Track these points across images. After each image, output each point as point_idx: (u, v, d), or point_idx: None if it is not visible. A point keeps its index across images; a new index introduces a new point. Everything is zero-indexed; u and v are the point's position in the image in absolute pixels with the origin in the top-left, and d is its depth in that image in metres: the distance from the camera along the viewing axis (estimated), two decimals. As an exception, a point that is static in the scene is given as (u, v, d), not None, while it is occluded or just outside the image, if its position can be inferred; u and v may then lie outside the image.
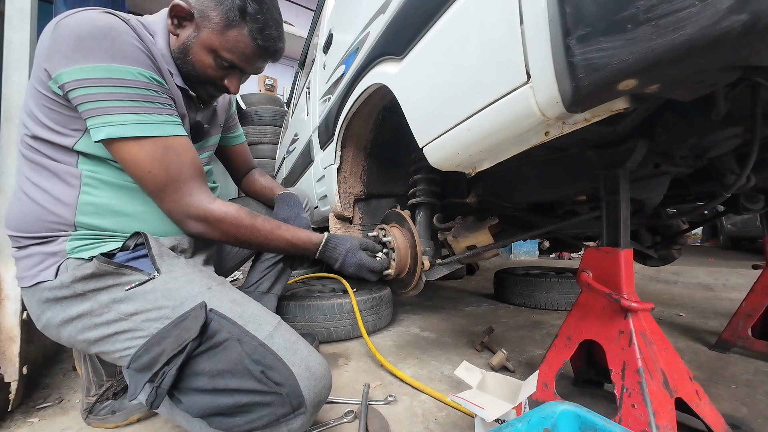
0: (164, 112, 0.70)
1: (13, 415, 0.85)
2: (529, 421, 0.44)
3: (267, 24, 0.75)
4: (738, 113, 0.63)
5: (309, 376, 0.65)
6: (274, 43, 0.79)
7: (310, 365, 0.66)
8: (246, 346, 0.63)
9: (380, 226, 1.05)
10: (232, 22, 0.73)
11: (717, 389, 0.91)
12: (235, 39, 0.74)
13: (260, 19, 0.74)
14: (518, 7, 0.48)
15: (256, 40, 0.76)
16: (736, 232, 5.30)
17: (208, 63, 0.77)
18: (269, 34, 0.77)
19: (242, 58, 0.77)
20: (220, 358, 0.62)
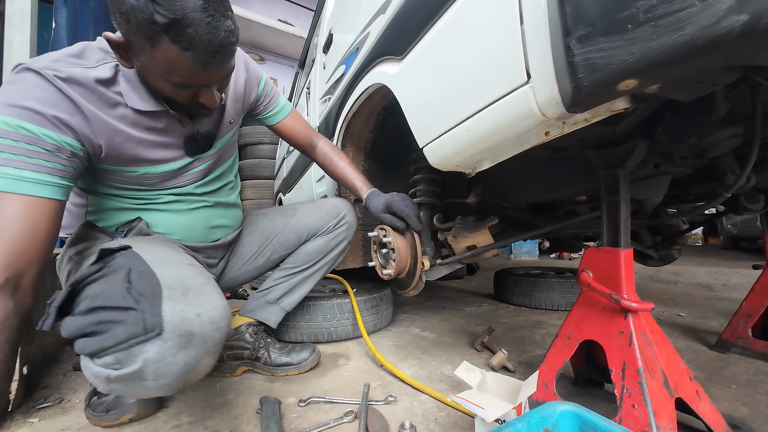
0: (13, 164, 0.64)
1: (13, 415, 0.85)
2: (529, 421, 0.44)
3: (189, 23, 0.60)
4: (738, 113, 0.63)
5: (180, 298, 0.57)
6: (209, 41, 0.63)
7: (189, 286, 0.60)
8: (133, 273, 0.60)
9: (380, 227, 1.05)
10: (152, 39, 0.61)
11: (717, 389, 0.91)
12: (166, 58, 0.63)
13: (177, 21, 0.59)
14: (518, 7, 0.48)
15: (186, 50, 0.62)
16: (737, 232, 5.30)
17: (168, 88, 0.70)
18: (198, 35, 0.61)
19: (188, 75, 0.67)
20: (105, 281, 0.60)
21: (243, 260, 1.13)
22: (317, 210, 1.17)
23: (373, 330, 1.43)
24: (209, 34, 0.62)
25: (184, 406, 0.88)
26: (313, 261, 1.15)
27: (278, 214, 1.17)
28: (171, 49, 0.62)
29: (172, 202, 0.91)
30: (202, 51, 0.63)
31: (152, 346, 0.54)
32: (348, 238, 1.19)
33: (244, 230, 1.15)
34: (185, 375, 0.57)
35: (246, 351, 1.06)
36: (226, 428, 0.78)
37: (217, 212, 1.00)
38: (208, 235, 1.00)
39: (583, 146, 0.77)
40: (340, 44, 1.41)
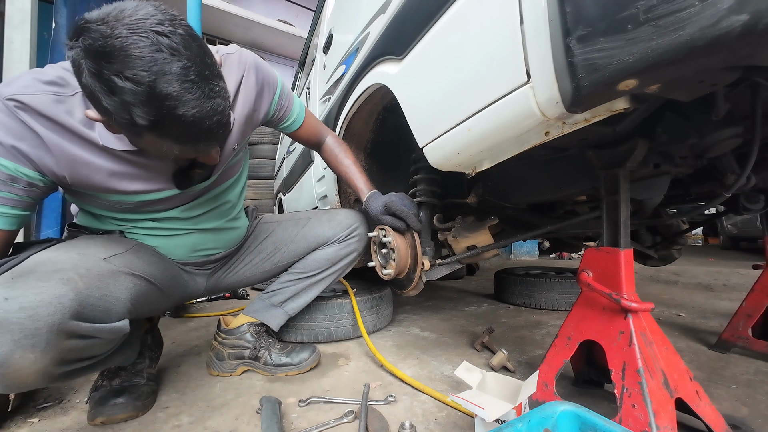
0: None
1: (13, 415, 0.85)
2: (529, 421, 0.44)
3: (172, 123, 0.55)
4: (738, 113, 0.63)
5: (5, 283, 0.54)
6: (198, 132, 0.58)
7: (32, 271, 0.57)
8: (10, 262, 0.62)
9: (380, 227, 1.05)
10: (138, 135, 0.59)
11: (717, 389, 0.91)
12: (152, 146, 0.61)
13: (160, 123, 0.55)
14: (518, 7, 0.48)
15: (175, 144, 0.60)
16: (736, 232, 5.30)
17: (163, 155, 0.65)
18: (183, 131, 0.57)
19: (181, 156, 0.65)
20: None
21: (249, 264, 1.13)
22: (330, 221, 1.16)
23: (373, 330, 1.43)
24: (196, 126, 0.57)
25: (184, 406, 0.88)
26: (322, 268, 1.14)
27: (291, 222, 1.17)
28: (158, 141, 0.59)
29: (152, 228, 0.87)
30: (192, 142, 0.60)
31: None
32: (358, 250, 1.18)
33: (256, 238, 1.14)
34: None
35: (246, 350, 1.06)
36: (226, 428, 0.78)
37: (205, 238, 0.96)
38: (190, 256, 0.98)
39: (583, 146, 0.77)
40: (340, 44, 1.41)
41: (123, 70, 0.50)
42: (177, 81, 0.53)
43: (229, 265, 1.11)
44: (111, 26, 0.50)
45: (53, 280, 0.57)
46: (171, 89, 0.52)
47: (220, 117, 0.60)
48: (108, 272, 0.68)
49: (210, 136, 0.61)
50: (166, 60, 0.52)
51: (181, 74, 0.53)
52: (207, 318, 1.79)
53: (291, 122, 1.04)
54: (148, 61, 0.50)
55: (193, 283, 1.03)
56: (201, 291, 1.07)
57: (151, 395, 0.90)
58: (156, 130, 0.56)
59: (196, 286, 1.05)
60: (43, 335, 0.53)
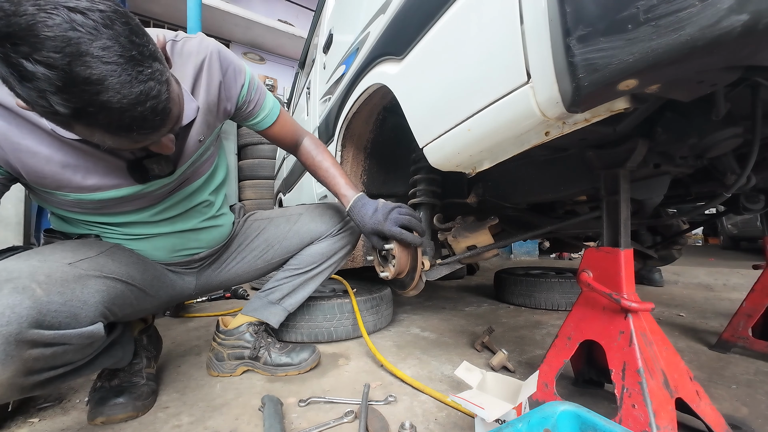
0: None
1: (13, 415, 0.85)
2: (529, 421, 0.44)
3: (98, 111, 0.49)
4: (738, 113, 0.63)
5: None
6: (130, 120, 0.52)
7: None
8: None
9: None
10: (67, 125, 0.52)
11: (717, 389, 0.91)
12: (86, 135, 0.53)
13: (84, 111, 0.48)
14: (518, 7, 0.48)
15: (105, 134, 0.53)
16: (737, 232, 5.30)
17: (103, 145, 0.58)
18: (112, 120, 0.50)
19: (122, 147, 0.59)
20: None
21: (241, 262, 1.12)
22: (322, 215, 1.16)
23: (373, 330, 1.43)
24: (126, 113, 0.50)
25: (185, 407, 0.88)
26: (317, 263, 1.14)
27: (283, 219, 1.16)
28: (89, 131, 0.52)
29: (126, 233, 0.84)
30: (125, 131, 0.53)
31: None
32: (351, 243, 1.18)
33: (247, 237, 1.13)
34: None
35: (246, 350, 1.06)
36: (226, 428, 0.78)
37: (184, 239, 0.92)
38: (172, 257, 0.95)
39: (584, 146, 0.77)
40: (340, 44, 1.41)
41: (32, 53, 0.43)
42: (96, 63, 0.46)
43: (220, 262, 1.09)
44: (15, 3, 0.42)
45: (5, 290, 0.54)
46: (89, 72, 0.45)
47: (155, 102, 0.53)
48: (72, 277, 0.64)
49: (144, 124, 0.54)
50: (82, 39, 0.44)
51: (103, 54, 0.46)
52: (207, 318, 1.79)
53: (263, 118, 0.96)
54: (61, 40, 0.43)
55: (181, 282, 1.01)
56: (192, 289, 1.06)
57: (151, 395, 0.90)
58: (81, 119, 0.49)
59: (186, 285, 1.03)
60: (0, 347, 0.51)
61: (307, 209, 1.19)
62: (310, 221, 1.14)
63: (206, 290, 1.11)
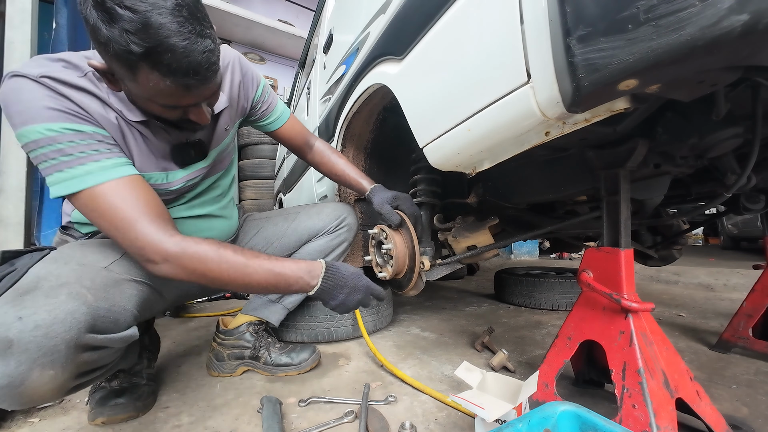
0: (87, 160, 0.66)
1: (13, 415, 0.85)
2: (529, 421, 0.44)
3: (166, 49, 0.57)
4: (739, 113, 0.63)
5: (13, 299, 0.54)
6: (188, 64, 0.60)
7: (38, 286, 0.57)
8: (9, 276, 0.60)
9: (380, 227, 1.05)
10: (133, 70, 0.60)
11: (718, 389, 0.91)
12: (146, 84, 0.61)
13: (154, 48, 0.57)
14: (518, 7, 0.48)
15: (166, 76, 0.60)
16: (737, 232, 5.29)
17: (157, 110, 0.69)
18: (174, 61, 0.59)
19: (173, 98, 0.65)
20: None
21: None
22: (318, 213, 1.17)
23: (374, 330, 1.43)
24: (187, 58, 0.59)
25: (185, 406, 0.88)
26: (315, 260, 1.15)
27: (280, 218, 1.18)
28: (151, 76, 0.60)
29: None
30: (182, 75, 0.61)
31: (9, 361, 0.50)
32: (348, 240, 1.20)
33: (246, 234, 1.14)
34: (11, 389, 0.51)
35: (246, 350, 1.07)
36: (226, 428, 0.78)
37: (199, 225, 0.95)
38: None
39: (584, 146, 0.77)
40: (340, 44, 1.41)
41: (123, 1, 0.54)
42: (170, 14, 0.56)
43: None
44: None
45: (62, 296, 0.57)
46: (164, 20, 0.56)
47: (210, 56, 0.62)
48: (111, 282, 0.68)
49: (199, 72, 0.62)
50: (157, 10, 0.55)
51: (174, 9, 0.57)
52: (207, 318, 1.79)
53: (275, 119, 1.06)
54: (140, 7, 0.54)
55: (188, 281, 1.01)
56: (196, 289, 1.05)
57: (151, 395, 0.90)
58: (149, 58, 0.57)
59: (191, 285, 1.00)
60: (62, 351, 0.54)
61: (304, 208, 1.21)
62: (308, 219, 1.16)
63: (209, 290, 1.11)
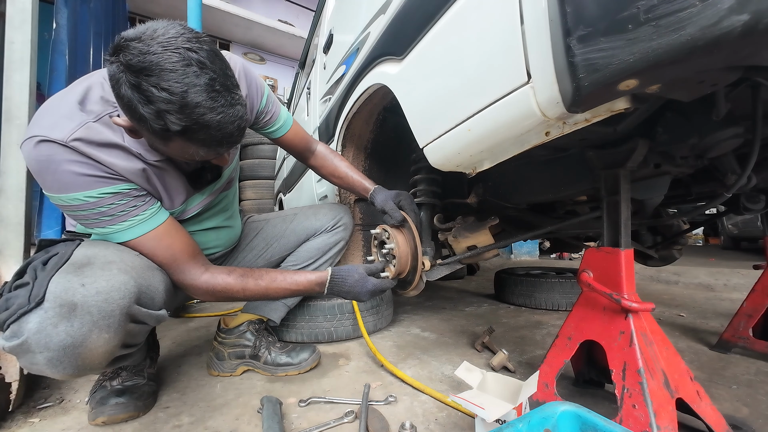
0: (131, 214, 0.74)
1: (14, 414, 0.85)
2: (529, 421, 0.44)
3: (201, 126, 0.61)
4: (739, 113, 0.63)
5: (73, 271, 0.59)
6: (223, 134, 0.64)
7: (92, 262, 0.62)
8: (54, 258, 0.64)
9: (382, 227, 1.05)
10: (166, 140, 0.64)
11: (718, 390, 0.91)
12: (179, 151, 0.67)
13: (190, 127, 0.60)
14: (519, 7, 0.48)
15: (200, 148, 0.65)
16: (737, 232, 5.29)
17: (182, 158, 0.72)
18: (209, 136, 0.63)
19: (200, 157, 0.69)
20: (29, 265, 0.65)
21: (242, 262, 1.14)
22: (315, 214, 1.21)
23: (374, 330, 1.43)
24: (220, 131, 0.63)
25: (185, 407, 0.88)
26: (313, 258, 1.18)
27: (279, 220, 1.21)
28: (185, 146, 0.65)
29: None
30: (216, 146, 0.66)
31: (34, 316, 0.56)
32: (345, 239, 1.23)
33: (246, 236, 1.17)
34: (72, 349, 0.57)
35: (247, 349, 1.07)
36: (226, 428, 0.78)
37: (207, 237, 0.99)
38: None
39: (584, 146, 0.77)
40: (340, 44, 1.41)
41: (159, 83, 0.56)
42: (204, 91, 0.59)
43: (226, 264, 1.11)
44: (147, 44, 0.56)
45: (114, 270, 0.64)
46: (200, 99, 0.58)
47: (240, 122, 0.66)
48: (146, 266, 0.73)
49: (231, 139, 0.66)
50: (196, 73, 0.58)
51: (208, 85, 0.59)
52: (207, 318, 1.79)
53: (279, 127, 1.06)
54: (180, 74, 0.57)
55: None
56: None
57: (151, 395, 0.90)
58: (186, 134, 0.61)
59: None
60: (116, 317, 0.61)
61: (302, 209, 1.24)
62: (305, 219, 1.20)
63: None
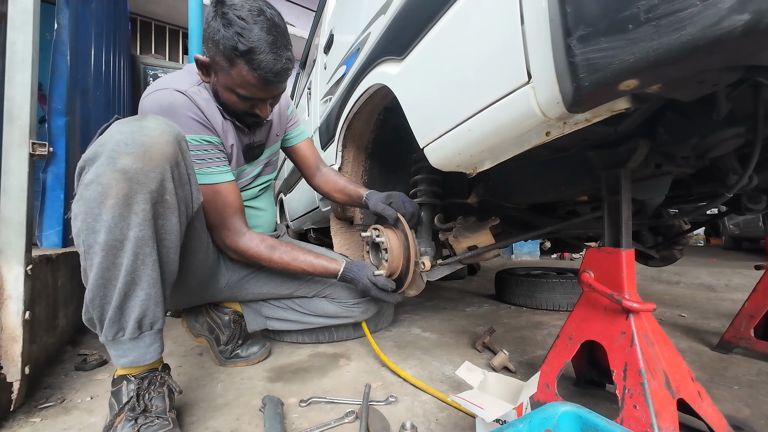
0: (213, 164, 0.95)
1: (15, 414, 0.85)
2: (530, 421, 0.44)
3: (261, 52, 0.81)
4: (740, 113, 0.63)
5: (132, 133, 0.67)
6: (273, 66, 0.84)
7: (142, 125, 0.69)
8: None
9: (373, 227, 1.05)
10: (232, 61, 0.83)
11: (719, 390, 0.91)
12: (239, 75, 0.85)
13: (253, 49, 0.81)
14: (519, 7, 0.48)
15: (256, 71, 0.83)
16: (738, 232, 5.28)
17: (233, 100, 0.91)
18: (265, 61, 0.82)
19: (252, 90, 0.88)
20: None
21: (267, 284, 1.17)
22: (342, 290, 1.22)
23: (374, 330, 1.43)
24: (273, 62, 0.83)
25: (186, 407, 0.88)
26: (317, 315, 1.22)
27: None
28: (244, 68, 0.83)
29: None
30: (266, 72, 0.84)
31: (92, 168, 0.66)
32: (357, 319, 1.25)
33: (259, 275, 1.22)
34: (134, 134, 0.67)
35: (218, 331, 1.16)
36: (227, 428, 0.78)
37: (255, 213, 1.17)
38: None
39: (584, 146, 0.77)
40: (341, 45, 1.41)
41: (239, 14, 0.80)
42: (267, 31, 0.82)
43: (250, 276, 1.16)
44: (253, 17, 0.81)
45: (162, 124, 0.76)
46: (263, 33, 0.81)
47: (288, 64, 0.87)
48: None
49: (278, 74, 0.86)
50: (264, 18, 0.82)
51: (272, 28, 0.83)
52: (208, 318, 1.79)
53: (296, 135, 1.26)
54: (255, 14, 0.81)
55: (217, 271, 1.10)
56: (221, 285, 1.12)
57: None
58: (248, 55, 0.81)
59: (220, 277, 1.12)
60: (175, 131, 0.74)
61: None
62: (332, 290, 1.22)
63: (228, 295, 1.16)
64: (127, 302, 0.69)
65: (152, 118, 0.72)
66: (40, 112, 1.00)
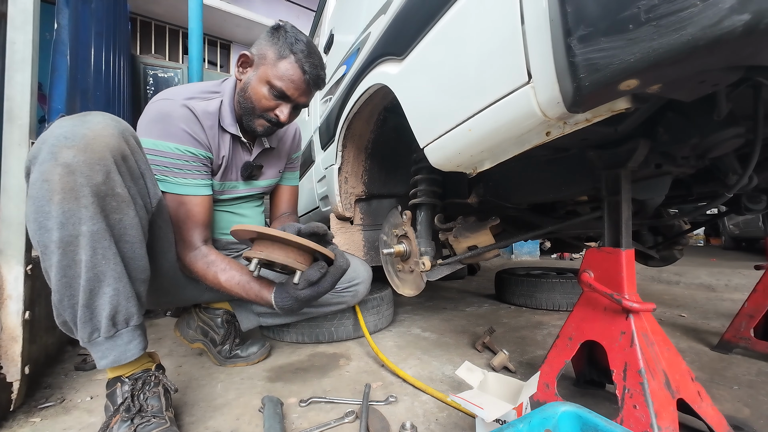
0: (189, 176, 0.95)
1: (15, 414, 0.85)
2: (530, 421, 0.44)
3: (310, 54, 0.94)
4: (740, 113, 0.63)
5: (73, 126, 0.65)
6: (316, 70, 0.96)
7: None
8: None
9: (245, 256, 0.94)
10: (282, 56, 0.94)
11: (719, 390, 0.91)
12: (284, 68, 0.94)
13: (304, 51, 0.94)
14: (519, 7, 0.48)
15: (302, 67, 0.94)
16: (738, 232, 5.27)
17: (263, 93, 0.96)
18: (312, 63, 0.95)
19: (290, 85, 0.95)
20: None
21: None
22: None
23: (374, 330, 1.43)
24: (316, 68, 0.96)
25: (185, 407, 0.88)
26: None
27: None
28: (291, 61, 0.94)
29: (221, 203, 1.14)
30: (307, 73, 0.95)
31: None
32: (348, 304, 1.25)
33: None
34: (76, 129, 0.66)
35: (212, 333, 1.17)
36: (227, 428, 0.78)
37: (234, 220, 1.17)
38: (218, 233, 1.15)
39: (585, 146, 0.77)
40: (341, 44, 1.41)
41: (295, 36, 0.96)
42: (315, 51, 0.97)
43: None
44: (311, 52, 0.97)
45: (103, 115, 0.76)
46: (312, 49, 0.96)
47: (322, 75, 0.99)
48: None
49: (316, 79, 0.97)
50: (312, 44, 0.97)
51: (317, 52, 0.98)
52: (208, 318, 1.79)
53: (291, 178, 1.31)
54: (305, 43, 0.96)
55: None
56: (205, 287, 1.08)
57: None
58: (298, 54, 0.94)
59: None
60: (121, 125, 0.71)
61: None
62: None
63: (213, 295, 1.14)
64: (95, 300, 0.67)
65: (97, 114, 0.69)
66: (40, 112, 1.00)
